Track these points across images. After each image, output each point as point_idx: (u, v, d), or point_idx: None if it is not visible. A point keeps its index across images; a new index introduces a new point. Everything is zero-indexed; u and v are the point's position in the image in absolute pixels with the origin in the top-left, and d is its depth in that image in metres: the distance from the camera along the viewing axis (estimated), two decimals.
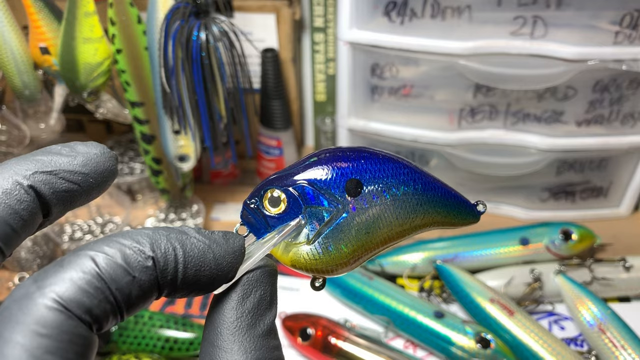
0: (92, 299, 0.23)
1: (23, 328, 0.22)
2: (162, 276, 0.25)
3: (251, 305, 0.28)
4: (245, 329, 0.27)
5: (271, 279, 0.29)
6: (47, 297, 0.22)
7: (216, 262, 0.27)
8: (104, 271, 0.24)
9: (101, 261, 0.24)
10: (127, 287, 0.24)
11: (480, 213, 0.32)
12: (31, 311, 0.22)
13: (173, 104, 0.66)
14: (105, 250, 0.24)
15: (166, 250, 0.26)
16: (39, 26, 0.66)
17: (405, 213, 0.30)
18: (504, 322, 0.67)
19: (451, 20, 0.69)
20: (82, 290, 0.23)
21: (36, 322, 0.22)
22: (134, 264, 0.24)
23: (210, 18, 0.64)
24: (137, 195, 0.88)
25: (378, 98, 0.78)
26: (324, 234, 0.29)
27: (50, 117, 0.75)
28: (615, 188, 0.83)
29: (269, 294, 0.29)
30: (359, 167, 0.30)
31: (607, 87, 0.72)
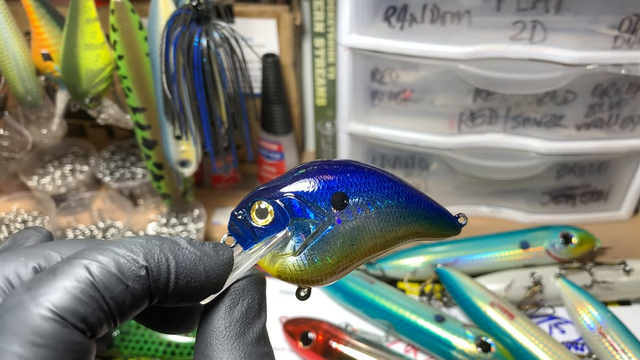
0: (87, 308, 0.23)
1: (19, 338, 0.22)
2: (154, 285, 0.26)
3: (239, 314, 0.28)
4: (234, 338, 0.28)
5: (258, 288, 0.30)
6: (42, 307, 0.22)
7: (206, 274, 0.27)
8: (98, 280, 0.24)
9: (95, 270, 0.24)
10: (120, 296, 0.24)
11: (460, 225, 0.33)
12: (26, 321, 0.22)
13: (174, 109, 0.67)
14: (99, 259, 0.24)
15: (159, 260, 0.26)
16: (41, 32, 0.67)
17: (389, 225, 0.31)
18: (505, 326, 0.67)
19: (451, 26, 0.69)
20: (76, 299, 0.23)
21: (32, 332, 0.22)
22: (128, 272, 0.25)
23: (211, 24, 0.64)
24: (138, 200, 0.88)
25: (378, 103, 0.79)
26: (309, 246, 0.30)
27: (52, 123, 0.76)
28: (615, 191, 0.84)
29: (257, 302, 0.29)
30: (344, 180, 0.30)
31: (606, 91, 0.72)
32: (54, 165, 0.91)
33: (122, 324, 0.28)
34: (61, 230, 0.82)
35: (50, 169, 0.90)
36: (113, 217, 0.85)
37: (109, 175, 0.88)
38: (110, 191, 0.87)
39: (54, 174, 0.90)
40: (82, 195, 0.85)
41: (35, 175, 0.89)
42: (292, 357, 0.69)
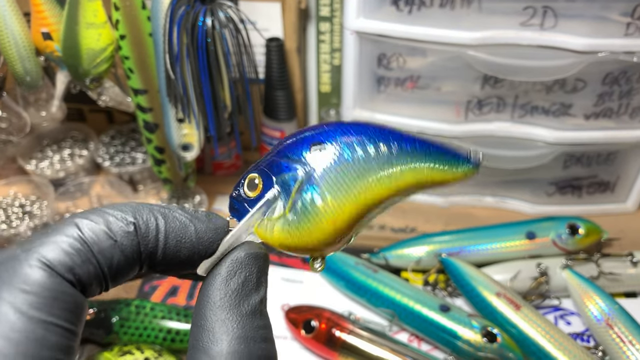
0: (75, 259, 0.25)
1: (9, 286, 0.23)
2: (143, 243, 0.27)
3: (235, 286, 0.28)
4: (228, 309, 0.27)
5: (257, 262, 0.29)
6: (32, 258, 0.24)
7: (197, 236, 0.28)
8: (86, 235, 0.25)
9: (84, 226, 0.25)
10: (109, 251, 0.25)
11: (475, 161, 0.30)
12: (16, 271, 0.24)
13: (177, 91, 0.65)
14: (90, 217, 0.26)
15: (148, 219, 0.27)
16: (42, 11, 0.65)
17: (379, 166, 0.29)
18: (511, 316, 0.66)
19: (460, 10, 0.68)
20: (64, 251, 0.24)
21: (21, 280, 0.23)
22: (116, 229, 0.26)
23: (216, 3, 0.63)
24: (138, 185, 0.87)
25: (384, 89, 0.77)
26: (298, 200, 0.29)
27: (51, 105, 0.74)
28: (622, 183, 0.83)
29: (255, 275, 0.29)
30: (322, 131, 0.30)
31: (617, 80, 0.71)
32: (52, 149, 0.90)
33: (115, 285, 0.27)
34: (59, 216, 0.81)
35: (49, 153, 0.89)
36: (112, 202, 0.84)
37: (108, 160, 0.87)
38: (109, 176, 0.86)
39: (53, 158, 0.88)
40: (81, 180, 0.84)
41: (33, 159, 0.88)
42: (294, 346, 0.68)
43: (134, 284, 0.77)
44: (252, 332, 0.27)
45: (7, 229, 0.77)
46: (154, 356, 0.63)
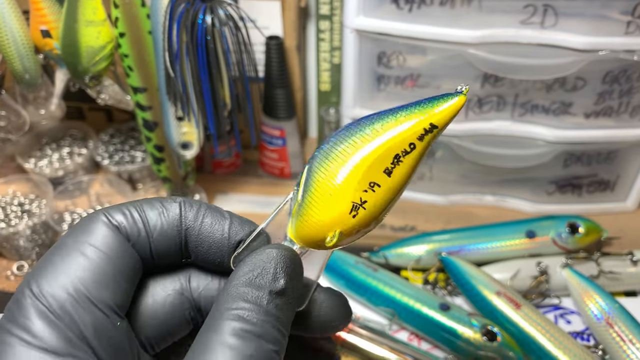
0: (125, 214, 0.30)
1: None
2: (184, 216, 0.31)
3: (246, 278, 0.28)
4: (234, 297, 0.28)
5: (274, 258, 0.29)
6: (100, 212, 0.30)
7: (229, 230, 0.32)
8: (142, 203, 0.31)
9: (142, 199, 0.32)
10: (154, 216, 0.31)
11: (460, 91, 0.30)
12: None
13: (177, 89, 0.65)
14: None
15: (193, 202, 0.32)
16: (41, 8, 0.65)
17: (365, 126, 0.30)
18: (511, 315, 0.66)
19: (460, 9, 0.68)
20: (120, 209, 0.30)
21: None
22: (166, 202, 0.31)
23: (216, 1, 0.63)
24: (137, 184, 0.87)
25: (384, 87, 0.77)
26: (302, 185, 0.31)
27: (50, 103, 0.74)
28: (622, 182, 0.82)
29: (272, 271, 0.29)
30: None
31: (617, 79, 0.71)
32: (51, 147, 0.89)
33: (160, 251, 0.31)
34: (58, 214, 0.81)
35: (47, 151, 0.89)
36: (111, 201, 0.84)
37: (107, 159, 0.87)
38: (108, 175, 0.86)
39: (52, 156, 0.88)
40: (80, 178, 0.84)
41: (32, 158, 0.88)
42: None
43: None
44: (255, 327, 0.27)
45: (5, 228, 0.77)
46: None
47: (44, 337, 0.25)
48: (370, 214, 0.30)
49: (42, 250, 0.79)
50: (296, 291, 0.30)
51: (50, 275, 0.26)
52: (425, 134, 0.28)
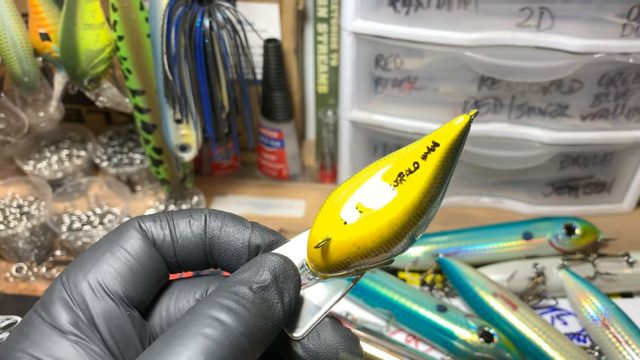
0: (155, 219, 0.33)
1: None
2: (209, 228, 0.33)
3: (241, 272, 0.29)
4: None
5: (268, 259, 0.30)
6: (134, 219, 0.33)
7: (249, 239, 0.33)
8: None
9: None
10: (182, 219, 0.33)
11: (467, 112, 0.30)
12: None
13: (175, 92, 0.66)
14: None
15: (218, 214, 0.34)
16: (40, 11, 0.65)
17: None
18: (507, 317, 0.66)
19: (457, 11, 0.68)
20: (151, 216, 0.33)
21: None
22: (194, 212, 0.34)
23: (214, 4, 0.63)
24: (136, 186, 0.87)
25: (381, 90, 0.77)
26: None
27: (49, 106, 0.74)
28: (618, 183, 0.83)
29: (254, 268, 0.29)
30: None
31: (613, 81, 0.72)
32: (50, 150, 0.90)
33: (184, 257, 0.33)
34: (57, 216, 0.81)
35: (46, 153, 0.89)
36: (110, 203, 0.84)
37: (106, 161, 0.87)
38: (107, 177, 0.86)
39: (51, 158, 0.88)
40: (78, 180, 0.84)
41: (31, 160, 0.88)
42: None
43: None
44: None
45: (5, 230, 0.77)
46: None
47: (57, 317, 0.29)
48: (365, 226, 0.29)
49: (40, 252, 0.80)
50: (283, 296, 0.29)
51: (78, 267, 0.30)
52: (428, 152, 0.28)
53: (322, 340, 0.31)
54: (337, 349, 0.31)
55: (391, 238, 0.28)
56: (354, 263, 0.30)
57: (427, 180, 0.28)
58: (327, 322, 0.32)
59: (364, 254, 0.29)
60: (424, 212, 0.28)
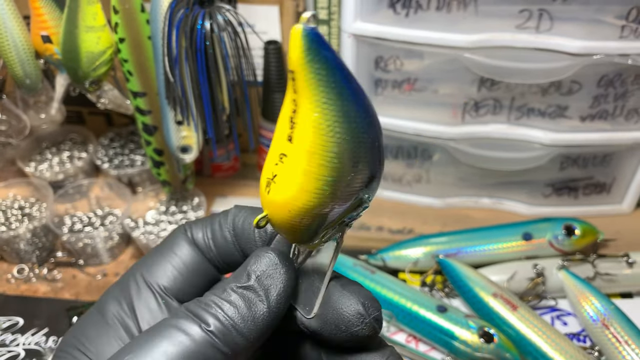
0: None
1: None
2: (236, 225, 0.35)
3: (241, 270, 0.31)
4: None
5: (260, 258, 0.31)
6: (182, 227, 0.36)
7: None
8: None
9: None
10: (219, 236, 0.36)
11: None
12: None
13: (176, 94, 0.66)
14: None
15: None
16: (41, 14, 0.66)
17: None
18: (507, 317, 0.66)
19: (456, 13, 0.69)
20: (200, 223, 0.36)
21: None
22: (223, 214, 0.36)
23: (214, 7, 0.63)
24: (137, 187, 0.87)
25: (381, 91, 0.78)
26: None
27: (51, 107, 0.75)
28: (618, 184, 0.83)
29: (244, 265, 0.31)
30: None
31: (612, 82, 0.72)
32: (51, 151, 0.90)
33: (226, 259, 0.35)
34: (59, 217, 0.81)
35: (48, 155, 0.89)
36: (111, 204, 0.84)
37: (107, 162, 0.87)
38: (108, 178, 0.86)
39: (52, 160, 0.89)
40: (80, 182, 0.84)
41: (32, 162, 0.88)
42: None
43: None
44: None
45: (6, 231, 0.77)
46: None
47: (106, 302, 0.34)
48: (283, 188, 0.27)
49: (42, 254, 0.80)
50: (269, 293, 0.29)
51: (136, 265, 0.35)
52: (293, 84, 0.26)
53: (330, 307, 0.30)
54: (348, 312, 0.29)
55: (313, 185, 0.26)
56: (307, 224, 0.28)
57: (309, 109, 0.25)
58: (333, 286, 0.30)
59: (302, 213, 0.27)
60: (329, 144, 0.25)
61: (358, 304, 0.29)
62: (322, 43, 0.25)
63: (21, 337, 0.71)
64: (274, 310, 0.29)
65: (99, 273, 0.79)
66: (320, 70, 0.25)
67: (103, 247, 0.79)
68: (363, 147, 0.26)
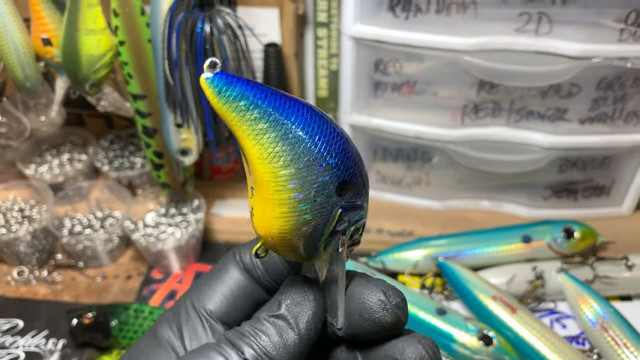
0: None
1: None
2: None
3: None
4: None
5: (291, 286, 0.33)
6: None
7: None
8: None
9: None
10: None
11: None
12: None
13: (176, 96, 0.66)
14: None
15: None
16: (42, 17, 0.66)
17: None
18: (507, 320, 0.66)
19: (456, 16, 0.69)
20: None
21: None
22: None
23: (214, 10, 0.64)
24: (137, 189, 0.88)
25: (381, 94, 0.78)
26: None
27: (51, 110, 0.75)
28: (617, 187, 0.83)
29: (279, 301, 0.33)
30: None
31: (611, 85, 0.72)
32: (51, 153, 0.90)
33: (271, 273, 0.36)
34: (58, 219, 0.81)
35: (48, 157, 0.89)
36: (111, 206, 0.85)
37: (107, 165, 0.87)
38: (108, 180, 0.86)
39: (52, 162, 0.89)
40: (80, 184, 0.84)
41: (32, 164, 0.88)
42: None
43: (132, 287, 0.78)
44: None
45: (6, 233, 0.77)
46: None
47: (160, 325, 0.35)
48: (259, 219, 0.28)
49: (42, 256, 0.80)
50: (298, 321, 0.31)
51: (189, 289, 0.36)
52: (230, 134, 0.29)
53: (354, 298, 0.31)
54: (370, 300, 0.31)
55: (279, 211, 0.27)
56: (298, 245, 0.28)
57: (247, 145, 0.26)
58: (357, 281, 0.32)
59: (284, 237, 0.28)
60: (276, 169, 0.26)
61: (379, 292, 0.31)
62: (229, 83, 0.26)
63: (21, 339, 0.71)
64: (305, 336, 0.31)
65: (98, 275, 0.79)
66: (237, 108, 0.26)
67: (103, 249, 0.79)
68: (314, 159, 0.26)
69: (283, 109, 0.26)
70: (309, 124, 0.26)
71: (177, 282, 0.78)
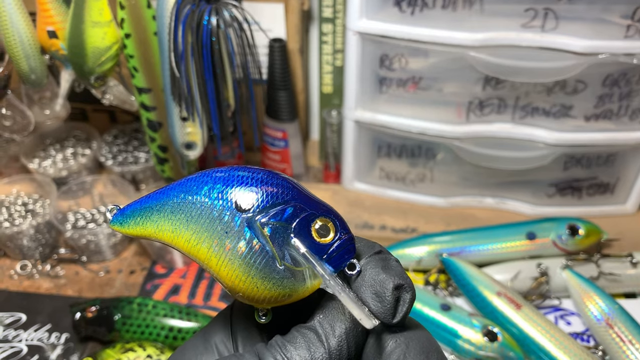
0: None
1: None
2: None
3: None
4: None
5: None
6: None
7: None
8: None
9: None
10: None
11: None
12: None
13: (182, 90, 0.66)
14: None
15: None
16: (47, 9, 0.66)
17: None
18: (511, 316, 0.66)
19: (462, 12, 0.69)
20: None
21: None
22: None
23: (221, 3, 0.63)
24: (141, 184, 0.87)
25: (386, 90, 0.78)
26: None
27: (55, 103, 0.75)
28: (622, 184, 0.83)
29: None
30: None
31: (616, 82, 0.72)
32: (55, 148, 0.90)
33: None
34: (62, 214, 0.81)
35: (51, 151, 0.89)
36: (115, 201, 0.84)
37: (111, 159, 0.87)
38: (112, 175, 0.86)
39: (56, 156, 0.89)
40: (83, 178, 0.84)
41: (36, 158, 0.88)
42: None
43: (136, 282, 0.77)
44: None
45: (10, 227, 0.77)
46: (155, 353, 0.63)
47: (212, 327, 0.34)
48: (224, 284, 0.30)
49: (45, 250, 0.80)
50: (328, 335, 0.30)
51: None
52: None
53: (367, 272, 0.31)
54: (369, 275, 0.30)
55: (229, 281, 0.29)
56: (264, 278, 0.29)
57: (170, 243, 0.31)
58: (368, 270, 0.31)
59: (242, 279, 0.29)
60: (194, 250, 0.30)
61: (390, 282, 0.30)
62: (121, 212, 0.31)
63: (24, 333, 0.71)
64: (335, 352, 0.29)
65: (101, 270, 0.79)
66: (136, 226, 0.30)
67: (106, 243, 0.79)
68: (206, 210, 0.29)
69: (161, 196, 0.31)
70: (198, 196, 0.30)
71: (180, 277, 0.78)
